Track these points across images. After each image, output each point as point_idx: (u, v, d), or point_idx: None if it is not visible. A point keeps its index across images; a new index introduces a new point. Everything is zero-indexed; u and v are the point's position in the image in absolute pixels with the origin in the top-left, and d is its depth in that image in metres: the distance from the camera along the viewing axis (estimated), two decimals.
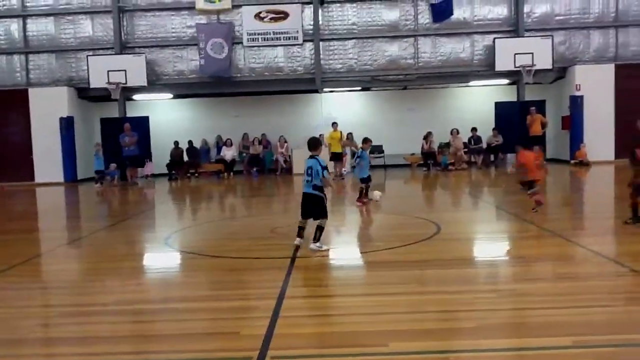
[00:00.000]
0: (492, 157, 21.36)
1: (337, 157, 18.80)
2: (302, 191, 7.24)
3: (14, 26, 21.45)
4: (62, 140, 20.53)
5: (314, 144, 7.46)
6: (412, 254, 6.81)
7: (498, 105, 21.64)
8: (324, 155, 12.49)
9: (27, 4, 21.30)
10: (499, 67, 20.35)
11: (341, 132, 19.23)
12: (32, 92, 20.85)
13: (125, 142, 19.51)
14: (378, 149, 21.42)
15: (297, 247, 7.13)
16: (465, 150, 21.09)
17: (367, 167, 11.68)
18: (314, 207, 7.14)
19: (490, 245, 7.56)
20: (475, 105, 22.52)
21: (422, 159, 21.16)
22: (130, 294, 5.65)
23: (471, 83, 22.13)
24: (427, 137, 20.77)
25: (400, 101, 22.88)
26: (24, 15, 21.34)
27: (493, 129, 21.01)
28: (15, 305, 5.36)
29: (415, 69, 21.32)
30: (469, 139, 21.20)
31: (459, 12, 20.96)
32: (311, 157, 7.26)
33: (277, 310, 4.72)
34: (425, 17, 21.16)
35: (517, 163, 9.99)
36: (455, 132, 20.89)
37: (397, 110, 22.73)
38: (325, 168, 7.13)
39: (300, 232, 7.25)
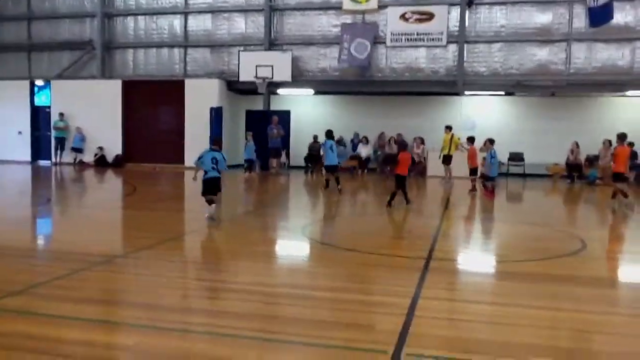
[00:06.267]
0: None
1: (445, 160, 18.22)
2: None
3: (177, 22, 23.29)
4: (211, 128, 21.92)
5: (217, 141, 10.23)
6: (556, 267, 6.50)
7: None
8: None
9: (190, 2, 23.01)
10: None
11: (452, 134, 18.47)
12: (187, 82, 22.43)
13: (273, 134, 20.42)
14: (519, 157, 20.66)
15: (432, 249, 7.13)
16: None
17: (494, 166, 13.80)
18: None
19: None
20: (631, 117, 20.75)
21: (566, 170, 19.95)
22: (266, 277, 5.98)
23: (629, 93, 20.44)
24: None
25: (545, 108, 21.67)
26: (186, 12, 23.10)
27: None
28: (161, 275, 5.87)
29: (565, 76, 20.12)
30: None
31: (620, 17, 19.44)
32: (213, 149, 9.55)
33: (411, 309, 4.74)
34: (580, 21, 19.89)
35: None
36: (607, 144, 19.40)
37: (541, 117, 21.53)
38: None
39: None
